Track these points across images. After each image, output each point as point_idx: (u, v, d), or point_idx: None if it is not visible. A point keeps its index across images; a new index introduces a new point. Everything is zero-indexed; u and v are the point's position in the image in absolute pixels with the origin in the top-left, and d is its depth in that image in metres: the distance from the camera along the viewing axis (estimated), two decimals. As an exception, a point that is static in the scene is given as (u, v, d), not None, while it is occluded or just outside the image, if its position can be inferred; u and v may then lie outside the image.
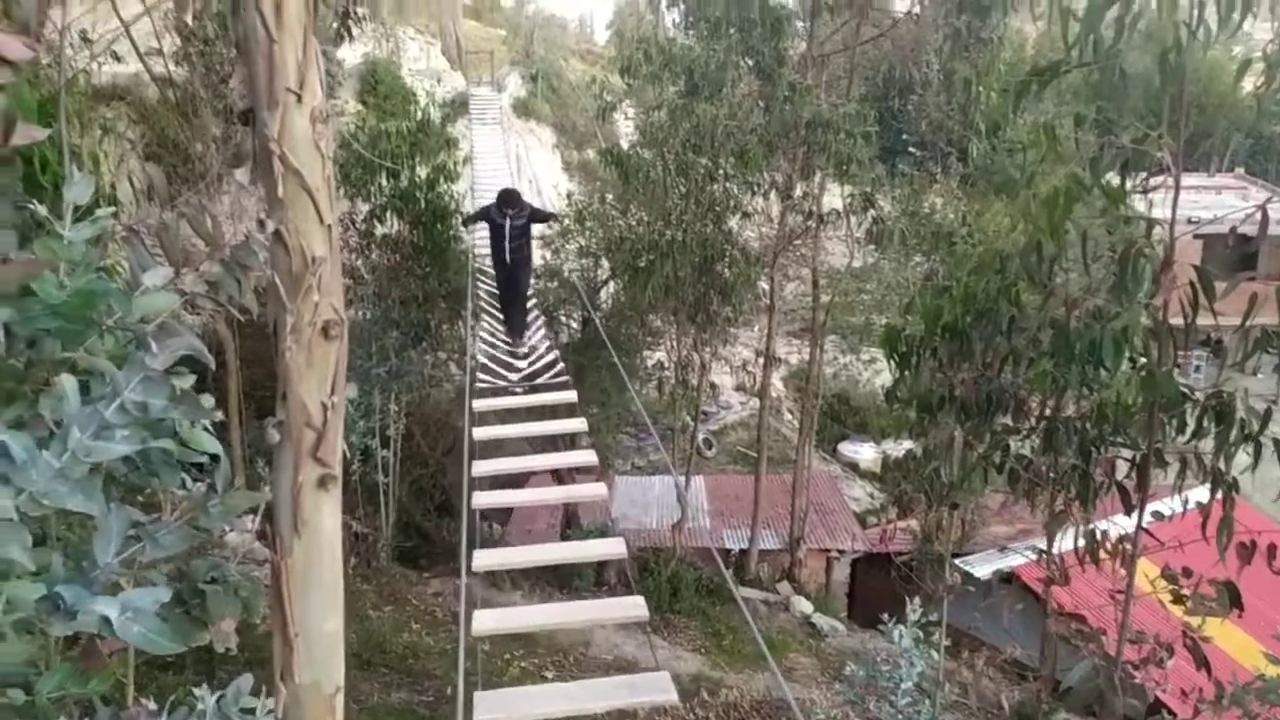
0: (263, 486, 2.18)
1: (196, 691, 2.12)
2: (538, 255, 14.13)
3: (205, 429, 1.89)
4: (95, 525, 1.83)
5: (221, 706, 1.88)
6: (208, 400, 1.88)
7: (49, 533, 2.00)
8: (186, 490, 1.98)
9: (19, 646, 1.93)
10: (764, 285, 16.98)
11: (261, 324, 2.24)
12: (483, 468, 7.12)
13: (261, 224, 1.57)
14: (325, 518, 1.67)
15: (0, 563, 1.72)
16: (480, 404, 8.26)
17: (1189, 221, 5.76)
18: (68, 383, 1.77)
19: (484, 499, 7.02)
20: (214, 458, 1.94)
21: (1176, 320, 4.48)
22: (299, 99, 1.62)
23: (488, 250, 11.70)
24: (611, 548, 6.96)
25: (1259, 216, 4.29)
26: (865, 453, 25.36)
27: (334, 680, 1.74)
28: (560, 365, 9.86)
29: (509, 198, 10.97)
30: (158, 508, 2.13)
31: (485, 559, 6.24)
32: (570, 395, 8.75)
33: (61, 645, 2.27)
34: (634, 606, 5.59)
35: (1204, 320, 4.35)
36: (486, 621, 5.50)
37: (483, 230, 12.29)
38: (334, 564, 1.73)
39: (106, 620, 1.68)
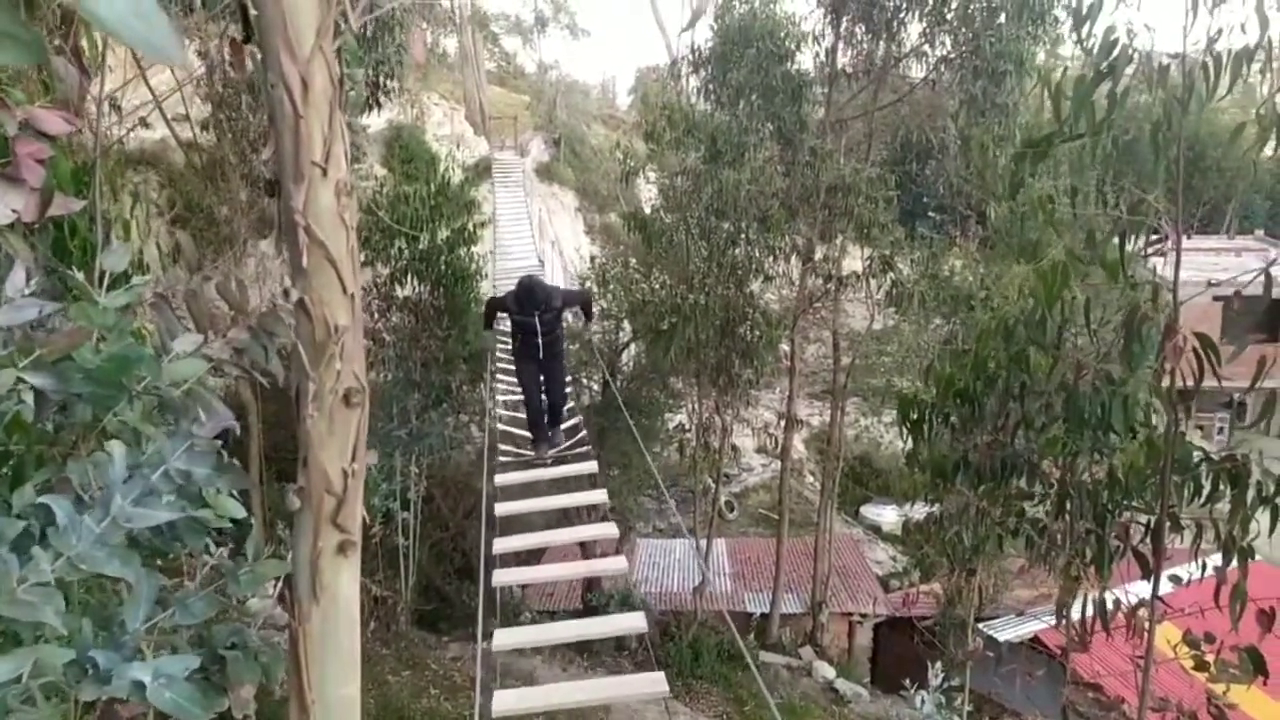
0: (284, 551, 2.23)
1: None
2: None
3: (231, 494, 1.96)
4: (123, 590, 1.88)
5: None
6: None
7: (73, 598, 2.06)
8: (209, 555, 2.04)
9: (46, 711, 1.98)
10: (785, 347, 17.04)
11: (284, 388, 2.32)
12: (503, 545, 7.13)
13: (286, 293, 1.65)
14: (344, 584, 1.72)
15: (32, 626, 1.78)
16: (501, 479, 8.29)
17: (1209, 284, 5.80)
18: (116, 449, 1.84)
19: (505, 576, 7.02)
20: (239, 523, 2.00)
21: (1189, 383, 4.50)
22: (324, 172, 1.71)
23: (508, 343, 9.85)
24: (632, 623, 6.94)
25: (1264, 278, 4.32)
26: (888, 515, 25.13)
27: (352, 748, 1.78)
28: (583, 433, 9.87)
29: (533, 292, 8.47)
30: (177, 572, 2.19)
31: (506, 638, 6.24)
32: (591, 466, 8.77)
33: (81, 711, 2.32)
34: (655, 683, 5.58)
35: (1229, 381, 4.36)
36: (508, 701, 5.51)
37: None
38: (352, 630, 1.78)
39: (138, 686, 1.72)
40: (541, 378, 8.90)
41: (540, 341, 8.60)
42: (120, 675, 1.76)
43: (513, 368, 11.73)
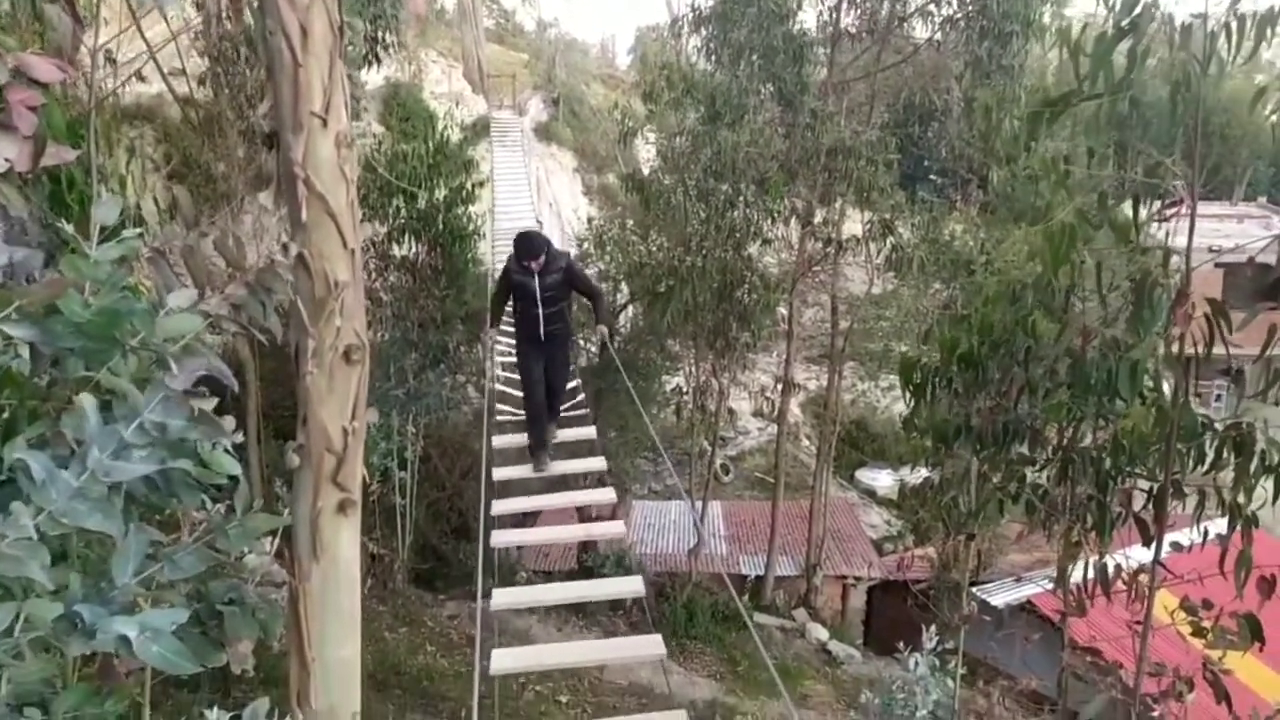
0: (281, 508, 2.20)
1: (208, 714, 2.14)
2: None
3: (226, 450, 1.92)
4: (114, 545, 1.85)
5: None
6: (229, 422, 1.91)
7: (68, 552, 2.02)
8: (206, 511, 2.00)
9: (36, 665, 1.95)
10: (783, 311, 16.98)
11: (282, 345, 2.27)
12: (501, 507, 7.16)
13: (285, 248, 1.60)
14: (344, 543, 1.68)
15: (19, 581, 1.75)
16: (500, 440, 8.29)
17: (1210, 251, 5.75)
18: (87, 402, 1.79)
19: (503, 537, 7.07)
20: (234, 479, 1.96)
21: (1194, 350, 4.46)
22: (324, 123, 1.65)
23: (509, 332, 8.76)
24: (629, 586, 6.99)
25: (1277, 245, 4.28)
26: (883, 480, 25.25)
27: (350, 705, 1.75)
28: (582, 395, 9.83)
29: (529, 244, 7.72)
30: (177, 528, 2.16)
31: (504, 598, 6.29)
32: (590, 431, 8.78)
33: (78, 665, 2.30)
34: (651, 645, 5.62)
35: (1234, 349, 4.32)
36: (505, 661, 5.57)
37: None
38: (352, 589, 1.74)
39: (125, 640, 1.69)
40: (543, 366, 7.95)
41: (540, 314, 7.59)
42: (106, 629, 1.73)
43: (512, 329, 11.68)
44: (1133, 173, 4.54)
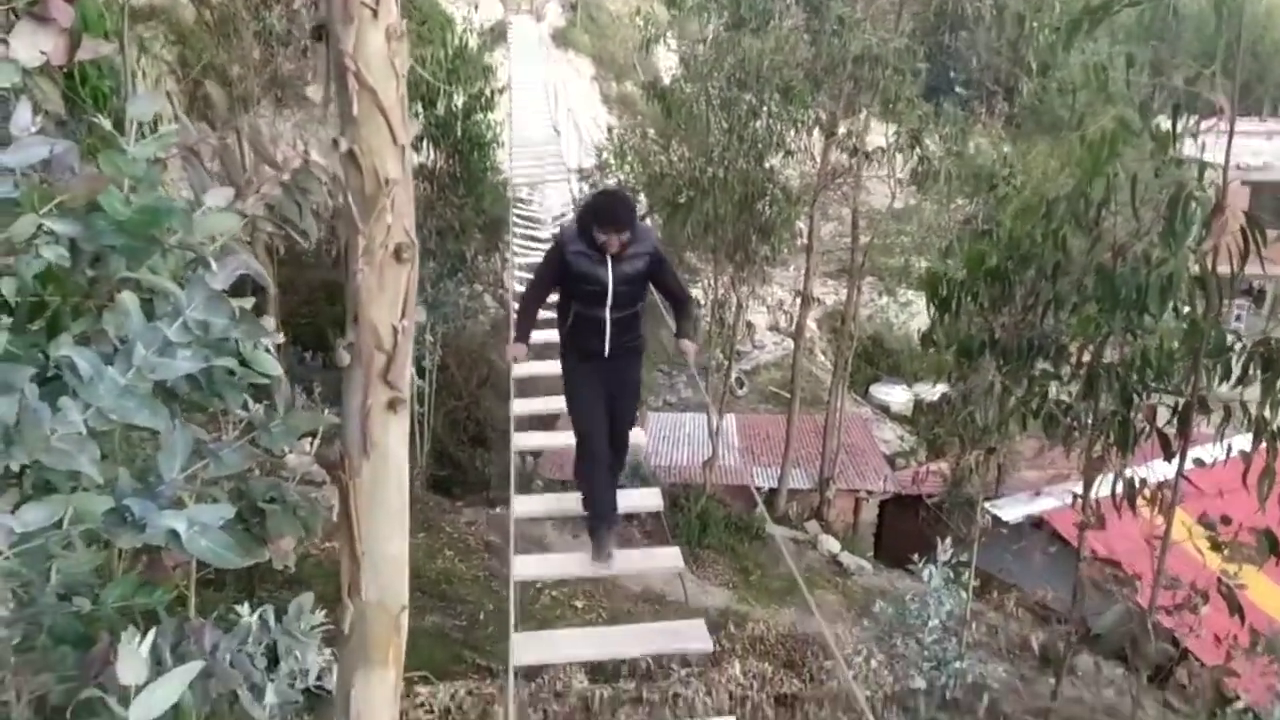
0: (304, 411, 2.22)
1: (238, 609, 2.19)
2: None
3: (267, 351, 1.93)
4: (160, 442, 1.87)
5: (284, 624, 1.94)
6: (269, 322, 1.91)
7: (115, 449, 2.05)
8: (247, 411, 2.02)
9: (86, 556, 2.00)
10: (802, 225, 16.83)
11: (299, 252, 2.27)
12: (521, 407, 7.20)
13: (335, 143, 1.58)
14: (393, 440, 1.70)
15: (69, 475, 1.78)
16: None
17: (1238, 167, 5.64)
18: (130, 300, 1.80)
19: (524, 441, 7.12)
20: (274, 379, 1.97)
21: (1224, 268, 4.42)
22: (374, 14, 1.62)
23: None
24: (648, 500, 7.05)
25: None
26: (897, 395, 25.33)
27: (399, 599, 1.79)
28: None
29: (612, 210, 5.08)
30: (218, 427, 2.19)
31: (524, 505, 6.40)
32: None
33: (123, 558, 2.35)
34: (670, 558, 5.71)
35: (1249, 269, 4.29)
36: (527, 568, 5.69)
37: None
38: (401, 486, 1.77)
39: (174, 534, 1.73)
40: (606, 401, 5.46)
41: (608, 319, 5.10)
42: (155, 524, 1.76)
43: (533, 247, 11.14)
44: (1172, 83, 4.44)
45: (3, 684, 1.91)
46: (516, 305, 8.72)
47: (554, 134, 19.39)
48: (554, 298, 5.46)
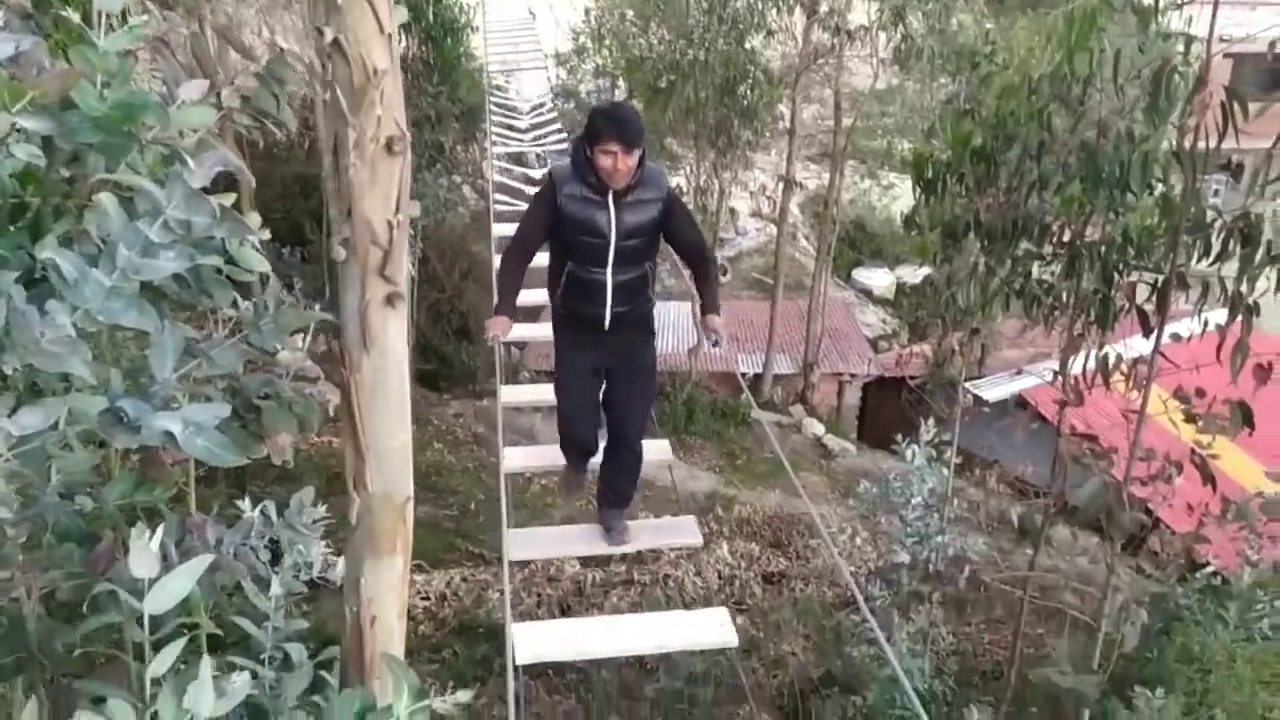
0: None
1: (238, 504, 2.23)
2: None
3: (254, 248, 1.92)
4: (147, 345, 1.87)
5: (285, 518, 1.98)
6: (254, 219, 1.90)
7: (103, 352, 2.06)
8: (236, 309, 2.02)
9: (84, 455, 2.02)
10: (783, 108, 16.60)
11: (270, 145, 2.24)
12: None
13: (320, 32, 1.54)
14: (392, 335, 1.71)
15: (59, 378, 1.79)
16: (502, 229, 8.23)
17: (1221, 40, 5.58)
18: (109, 200, 1.78)
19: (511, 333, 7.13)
20: (263, 277, 1.97)
21: (1205, 143, 4.41)
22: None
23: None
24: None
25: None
26: (879, 279, 25.39)
27: (404, 490, 1.83)
28: None
29: (619, 124, 4.03)
30: (204, 327, 2.19)
31: (511, 395, 6.45)
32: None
33: (121, 456, 2.38)
34: (659, 450, 5.76)
35: (1228, 143, 4.28)
36: (516, 459, 5.75)
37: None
38: (401, 380, 1.79)
39: (169, 434, 1.74)
40: (612, 385, 4.67)
41: (610, 281, 4.25)
42: (151, 425, 1.77)
43: (511, 136, 10.93)
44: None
45: (12, 580, 1.95)
46: (495, 178, 8.41)
47: (529, 17, 18.84)
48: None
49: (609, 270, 4.23)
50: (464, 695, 1.52)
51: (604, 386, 4.65)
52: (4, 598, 1.98)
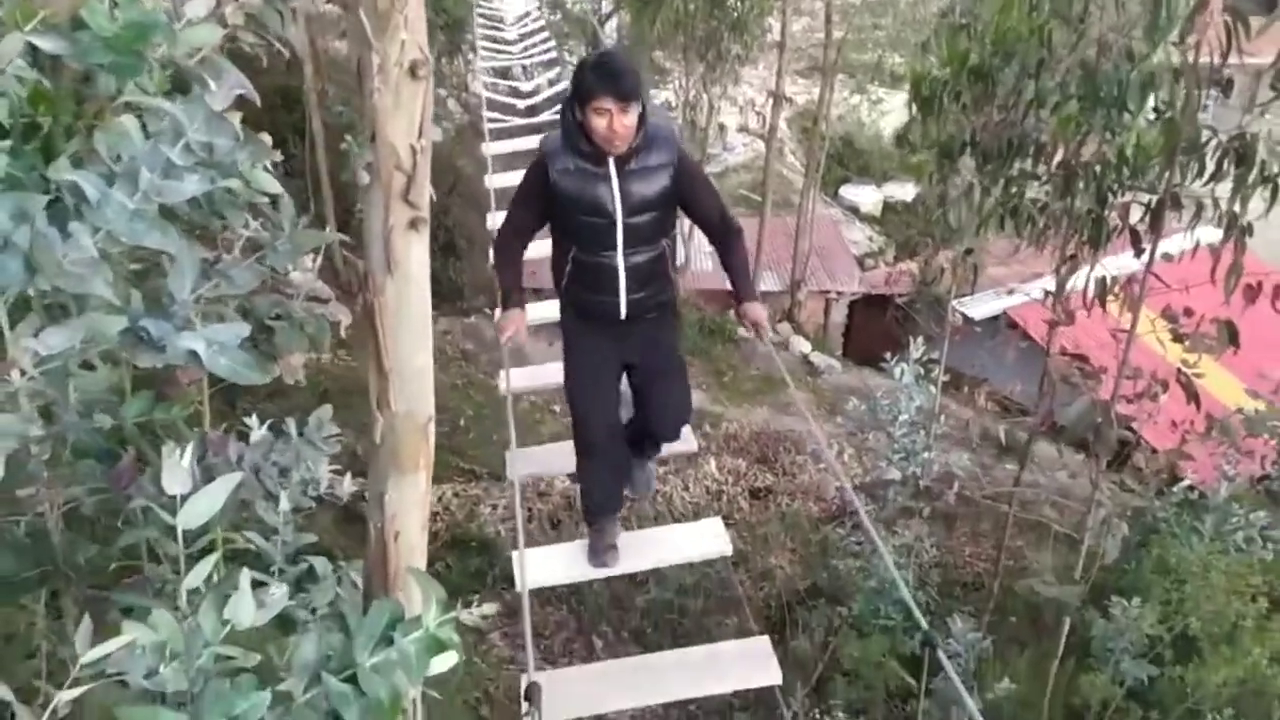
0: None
1: (248, 421, 2.27)
2: None
3: (266, 169, 1.92)
4: (169, 264, 1.89)
5: (305, 435, 2.02)
6: (266, 139, 1.90)
7: (120, 274, 2.07)
8: (249, 230, 2.03)
9: (103, 373, 2.05)
10: (773, 21, 16.33)
11: (248, 57, 2.23)
12: (496, 220, 7.15)
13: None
14: (414, 259, 1.73)
15: (82, 299, 1.80)
16: (493, 147, 8.13)
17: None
18: (130, 122, 1.78)
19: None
20: (274, 198, 1.98)
21: (1209, 59, 4.39)
22: None
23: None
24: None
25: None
26: (867, 196, 25.27)
27: (426, 410, 1.87)
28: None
29: (613, 76, 3.34)
30: (215, 247, 2.20)
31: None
32: None
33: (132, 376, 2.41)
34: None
35: (1239, 59, 4.26)
36: (520, 380, 5.79)
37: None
38: (423, 303, 1.81)
39: (193, 354, 1.77)
40: (639, 383, 4.14)
41: (622, 264, 3.67)
42: (174, 344, 1.80)
43: (497, 50, 10.95)
44: None
45: (36, 496, 2.00)
46: (484, 94, 8.20)
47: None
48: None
49: (619, 253, 3.64)
50: (489, 608, 1.58)
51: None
52: (29, 512, 2.03)
